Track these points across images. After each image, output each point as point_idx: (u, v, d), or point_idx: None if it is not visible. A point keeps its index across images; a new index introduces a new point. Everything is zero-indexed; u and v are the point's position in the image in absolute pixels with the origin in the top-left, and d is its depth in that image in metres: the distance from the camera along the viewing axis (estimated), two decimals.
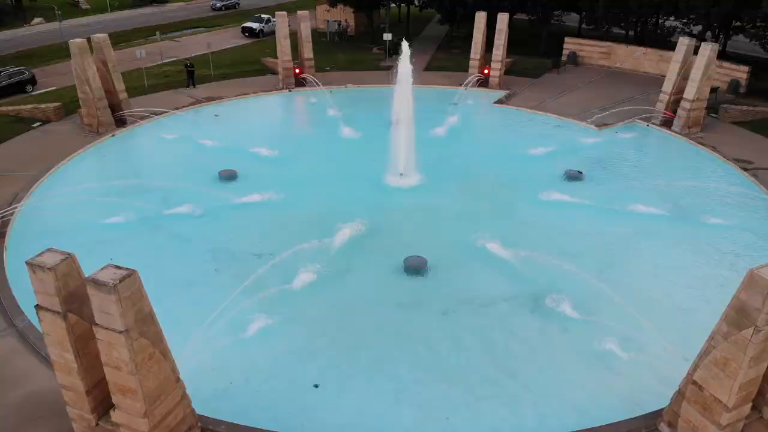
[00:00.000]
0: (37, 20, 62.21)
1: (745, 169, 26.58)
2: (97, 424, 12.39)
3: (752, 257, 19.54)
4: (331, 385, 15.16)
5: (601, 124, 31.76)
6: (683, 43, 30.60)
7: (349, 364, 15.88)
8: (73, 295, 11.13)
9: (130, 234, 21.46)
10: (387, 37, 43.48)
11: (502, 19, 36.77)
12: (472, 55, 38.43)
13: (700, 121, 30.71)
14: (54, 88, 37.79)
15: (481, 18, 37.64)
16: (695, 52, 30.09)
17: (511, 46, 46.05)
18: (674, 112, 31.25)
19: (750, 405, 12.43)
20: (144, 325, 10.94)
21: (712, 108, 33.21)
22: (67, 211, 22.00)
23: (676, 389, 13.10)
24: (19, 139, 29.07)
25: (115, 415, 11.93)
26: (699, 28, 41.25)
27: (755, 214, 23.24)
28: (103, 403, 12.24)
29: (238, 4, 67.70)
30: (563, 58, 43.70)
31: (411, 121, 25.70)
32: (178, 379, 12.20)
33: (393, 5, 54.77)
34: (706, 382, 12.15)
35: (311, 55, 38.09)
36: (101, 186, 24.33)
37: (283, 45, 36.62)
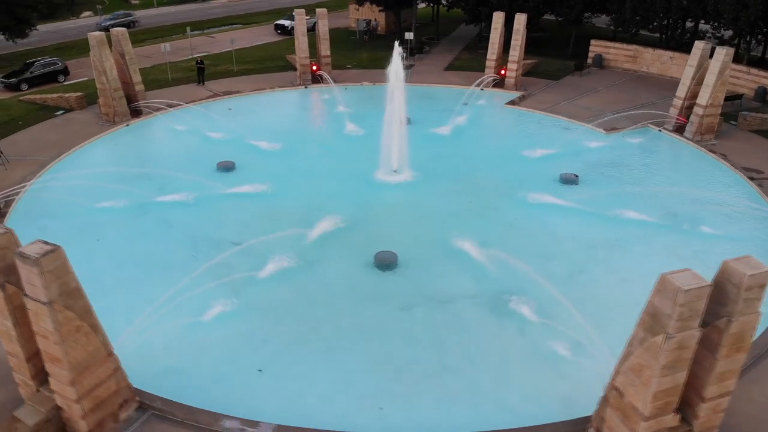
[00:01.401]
0: (86, 13, 65.30)
1: (752, 179, 25.51)
2: (38, 390, 13.20)
3: None
4: (276, 371, 15.58)
5: (611, 128, 31.00)
6: (698, 47, 29.56)
7: (299, 352, 16.27)
8: (12, 267, 11.88)
9: (121, 217, 22.54)
10: (409, 36, 43.62)
11: (519, 20, 36.30)
12: (488, 56, 38.11)
13: (714, 128, 29.57)
14: (84, 78, 39.61)
15: (498, 18, 37.24)
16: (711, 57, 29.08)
17: (538, 47, 45.60)
18: (688, 117, 30.26)
19: (675, 417, 12.10)
20: (69, 299, 11.60)
21: (732, 115, 31.98)
22: (67, 194, 23.23)
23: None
24: (40, 126, 30.77)
25: (51, 383, 12.69)
26: (730, 33, 39.70)
27: (751, 224, 22.33)
28: (43, 371, 13.00)
29: (135, 22, 60.76)
30: (588, 61, 42.85)
31: (404, 118, 25.90)
32: (110, 353, 12.85)
33: (422, 5, 54.85)
34: (625, 389, 11.95)
35: (328, 53, 38.78)
36: (105, 172, 25.47)
37: (301, 42, 37.35)
